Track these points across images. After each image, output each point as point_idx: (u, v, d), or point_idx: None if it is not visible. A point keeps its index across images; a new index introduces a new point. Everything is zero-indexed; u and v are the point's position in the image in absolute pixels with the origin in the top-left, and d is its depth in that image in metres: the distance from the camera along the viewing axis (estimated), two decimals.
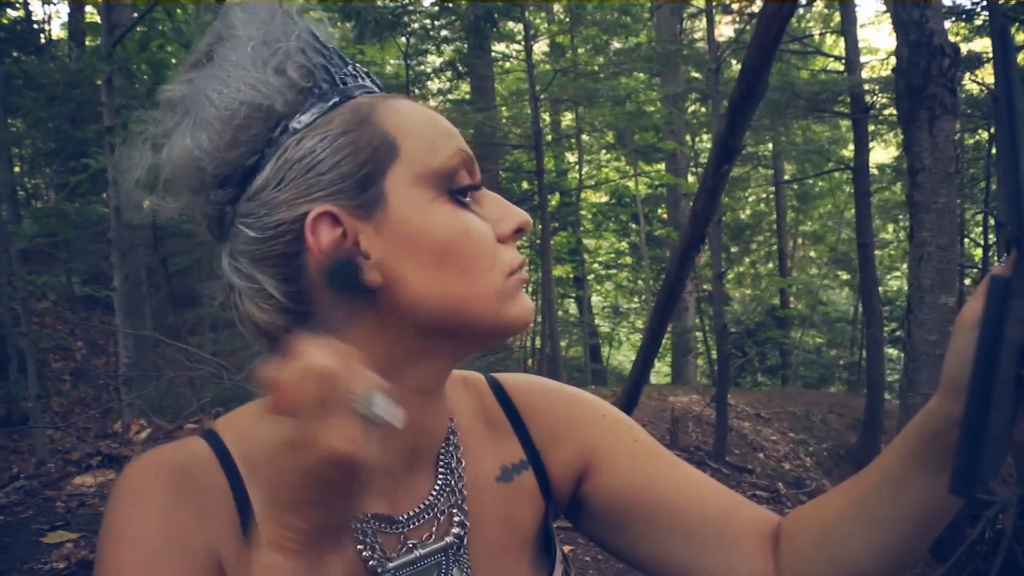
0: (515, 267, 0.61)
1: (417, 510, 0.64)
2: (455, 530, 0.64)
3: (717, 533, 0.65)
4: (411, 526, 0.63)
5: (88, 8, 9.64)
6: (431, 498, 0.64)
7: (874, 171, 10.59)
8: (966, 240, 10.94)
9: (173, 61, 4.46)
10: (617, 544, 0.72)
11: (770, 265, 15.50)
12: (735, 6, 9.43)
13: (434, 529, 0.64)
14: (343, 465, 0.45)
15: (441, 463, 0.66)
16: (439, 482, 0.65)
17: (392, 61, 10.96)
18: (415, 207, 0.57)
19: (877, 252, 10.77)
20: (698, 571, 0.67)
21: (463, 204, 0.59)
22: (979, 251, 10.31)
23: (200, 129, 0.58)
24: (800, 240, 15.57)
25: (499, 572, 0.67)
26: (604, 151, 13.66)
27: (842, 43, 9.54)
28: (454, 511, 0.65)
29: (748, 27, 8.47)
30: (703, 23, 10.76)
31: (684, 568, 0.67)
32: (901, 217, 12.28)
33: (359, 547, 0.60)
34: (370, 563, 0.60)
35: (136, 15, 4.88)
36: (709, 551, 0.66)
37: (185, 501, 0.59)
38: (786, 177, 13.63)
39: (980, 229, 10.36)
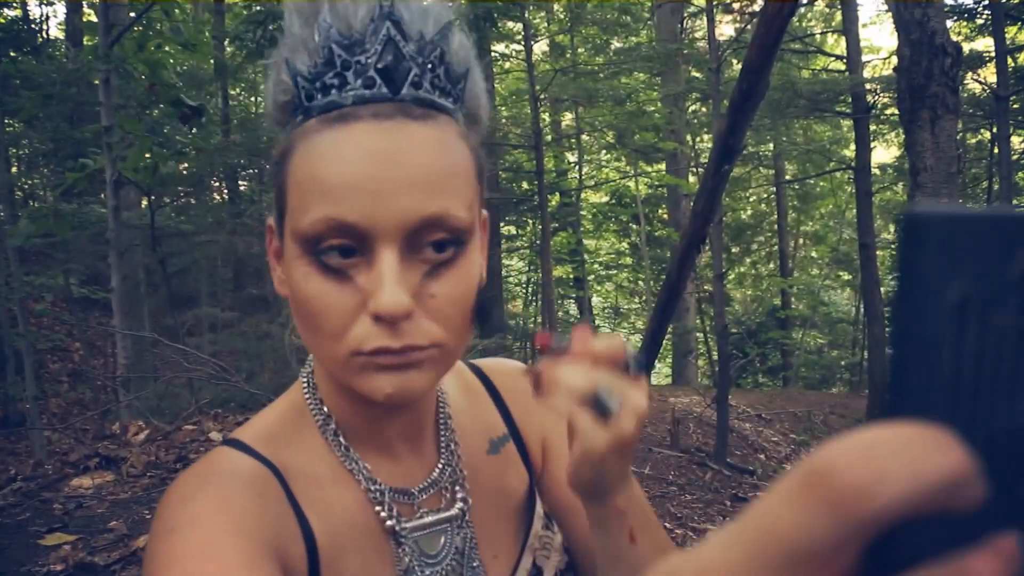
0: (363, 349, 0.57)
1: (426, 484, 0.72)
2: (459, 504, 0.72)
3: None
4: (422, 497, 0.71)
5: (85, 7, 9.63)
6: (436, 474, 0.73)
7: (876, 171, 10.58)
8: None
9: (171, 61, 4.45)
10: (559, 524, 0.82)
11: (771, 265, 15.49)
12: (736, 5, 9.41)
13: (442, 503, 0.72)
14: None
15: (441, 443, 0.74)
16: (442, 461, 0.73)
17: None
18: (289, 257, 0.61)
19: (879, 252, 10.74)
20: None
21: (327, 268, 0.57)
22: None
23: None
24: (801, 240, 15.57)
25: (496, 537, 0.75)
26: (604, 151, 13.65)
27: (843, 42, 9.53)
28: (457, 487, 0.73)
29: (749, 26, 8.44)
30: (703, 22, 10.75)
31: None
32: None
33: (378, 509, 0.68)
34: (388, 523, 0.68)
35: (133, 15, 4.87)
36: None
37: (243, 495, 0.60)
38: (787, 177, 13.63)
39: None
